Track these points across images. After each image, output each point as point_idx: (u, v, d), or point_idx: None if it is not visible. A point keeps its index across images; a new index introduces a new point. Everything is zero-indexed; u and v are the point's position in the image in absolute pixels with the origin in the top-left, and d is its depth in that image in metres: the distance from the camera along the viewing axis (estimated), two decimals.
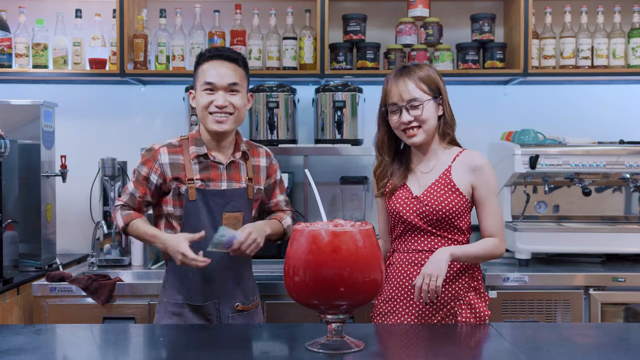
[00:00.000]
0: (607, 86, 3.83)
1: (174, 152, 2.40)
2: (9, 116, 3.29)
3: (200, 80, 2.38)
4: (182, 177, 2.37)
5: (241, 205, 2.41)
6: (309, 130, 3.75)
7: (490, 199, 2.24)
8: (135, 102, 3.80)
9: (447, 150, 2.29)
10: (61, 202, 3.61)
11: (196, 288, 2.39)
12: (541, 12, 3.59)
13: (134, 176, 2.43)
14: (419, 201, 2.23)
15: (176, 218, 2.40)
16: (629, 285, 3.03)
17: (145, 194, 2.41)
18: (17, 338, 1.97)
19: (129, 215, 2.42)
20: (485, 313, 2.23)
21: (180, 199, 2.38)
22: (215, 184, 2.39)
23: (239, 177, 2.43)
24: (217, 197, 2.38)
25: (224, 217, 2.38)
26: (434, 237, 2.23)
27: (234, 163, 2.43)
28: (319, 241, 1.76)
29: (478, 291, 2.25)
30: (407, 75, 2.24)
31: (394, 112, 2.24)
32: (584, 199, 3.43)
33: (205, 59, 2.38)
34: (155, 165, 2.39)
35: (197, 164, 2.39)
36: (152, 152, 2.41)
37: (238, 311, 2.43)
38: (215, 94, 2.35)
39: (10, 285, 2.98)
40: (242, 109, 2.40)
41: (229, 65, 2.37)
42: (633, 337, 2.06)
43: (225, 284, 2.41)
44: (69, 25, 3.59)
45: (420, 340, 2.04)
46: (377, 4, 3.78)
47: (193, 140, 2.42)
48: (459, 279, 2.22)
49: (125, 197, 2.44)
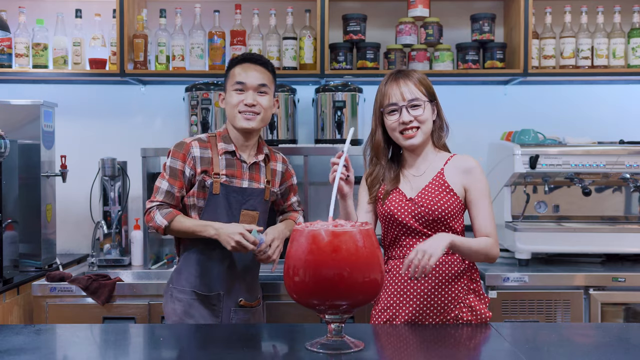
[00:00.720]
0: (607, 86, 3.83)
1: (204, 147, 2.51)
2: (9, 116, 3.29)
3: (231, 81, 2.52)
4: (210, 171, 2.48)
5: (258, 205, 2.54)
6: (309, 130, 3.75)
7: (484, 200, 2.23)
8: (135, 102, 3.80)
9: (439, 155, 2.31)
10: (61, 202, 3.61)
11: (205, 278, 2.49)
12: (541, 12, 3.59)
13: (166, 173, 2.50)
14: (413, 203, 2.23)
15: (197, 209, 2.50)
16: (629, 285, 3.03)
17: (182, 188, 2.49)
18: (17, 338, 1.97)
19: (170, 214, 2.46)
20: (486, 315, 2.22)
21: (205, 191, 2.49)
22: (238, 181, 2.51)
23: (259, 177, 2.56)
24: (237, 194, 2.50)
25: (241, 214, 2.51)
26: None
27: (256, 164, 2.57)
28: (319, 241, 1.76)
29: (478, 293, 2.24)
30: (407, 76, 2.26)
31: (393, 113, 2.24)
32: (584, 199, 3.43)
33: (237, 62, 2.54)
34: (189, 158, 2.48)
35: (224, 159, 2.50)
36: (184, 146, 2.50)
37: (241, 306, 2.53)
38: (244, 94, 2.49)
39: (10, 285, 2.99)
40: (268, 110, 2.54)
41: (259, 68, 2.53)
42: (633, 337, 2.06)
43: (233, 279, 2.53)
44: (69, 25, 3.59)
45: (420, 340, 2.04)
46: (377, 4, 3.78)
47: (221, 137, 2.54)
48: (458, 281, 2.21)
49: (160, 196, 2.49)
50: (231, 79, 2.53)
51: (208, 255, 2.50)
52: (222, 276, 2.51)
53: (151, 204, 2.49)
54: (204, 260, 2.51)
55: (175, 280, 2.55)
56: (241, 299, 2.54)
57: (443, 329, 2.11)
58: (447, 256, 2.22)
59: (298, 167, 3.69)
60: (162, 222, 2.45)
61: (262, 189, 2.55)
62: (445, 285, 2.20)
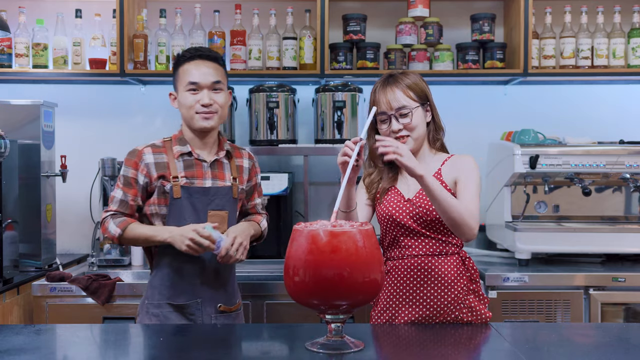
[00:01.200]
0: (607, 86, 3.83)
1: (158, 152, 2.41)
2: (9, 116, 3.29)
3: (183, 81, 2.40)
4: (167, 175, 2.37)
5: (225, 204, 2.42)
6: (309, 130, 3.75)
7: (470, 188, 2.17)
8: (135, 102, 3.80)
9: (436, 156, 2.30)
10: (61, 202, 3.61)
11: (179, 287, 2.38)
12: (541, 12, 3.59)
13: (120, 182, 2.40)
14: (411, 203, 2.22)
15: (160, 217, 2.40)
16: (629, 285, 3.03)
17: (137, 196, 2.39)
18: (17, 338, 1.97)
19: (123, 222, 2.37)
20: (486, 315, 2.22)
21: (165, 197, 2.38)
22: (199, 181, 2.40)
23: (223, 175, 2.44)
24: (201, 195, 2.38)
25: (209, 215, 2.39)
26: (428, 239, 2.22)
27: (218, 162, 2.45)
28: (318, 241, 1.76)
29: (477, 293, 2.24)
30: (394, 83, 2.24)
31: (384, 122, 2.24)
32: (584, 199, 3.43)
33: (186, 59, 2.41)
34: (141, 165, 2.38)
35: (182, 162, 2.40)
36: (136, 154, 2.41)
37: (221, 312, 2.42)
38: (199, 93, 2.38)
39: (10, 285, 2.99)
40: (225, 107, 2.44)
41: (210, 64, 2.41)
42: (633, 337, 2.06)
43: (209, 284, 2.40)
44: (69, 25, 3.59)
45: (420, 340, 2.04)
46: (377, 4, 3.78)
47: (176, 140, 2.44)
48: (457, 282, 2.20)
49: (114, 205, 2.40)
50: (182, 78, 2.40)
51: (180, 263, 2.37)
52: (197, 283, 2.38)
53: (106, 214, 2.40)
54: (176, 269, 2.38)
55: (149, 295, 2.42)
56: (220, 304, 2.41)
57: (443, 329, 2.11)
58: (447, 257, 2.21)
59: (298, 167, 3.70)
60: (116, 230, 2.36)
61: (229, 187, 2.43)
62: (445, 286, 2.19)
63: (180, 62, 2.42)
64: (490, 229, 3.63)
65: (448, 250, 2.21)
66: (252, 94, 3.55)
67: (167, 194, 2.37)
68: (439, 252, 2.21)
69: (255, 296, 2.99)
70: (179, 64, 2.43)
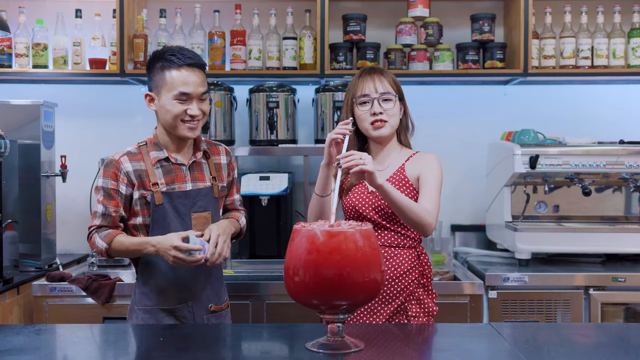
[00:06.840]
0: (607, 86, 3.83)
1: (135, 159, 2.36)
2: (9, 116, 3.29)
3: (170, 87, 2.30)
4: (147, 184, 2.34)
5: (208, 205, 2.40)
6: (309, 130, 3.75)
7: (430, 185, 2.28)
8: (135, 102, 3.79)
9: (402, 151, 2.41)
10: (61, 202, 3.61)
11: (169, 292, 2.36)
12: (541, 12, 3.59)
13: (100, 195, 2.35)
14: (374, 196, 2.31)
15: (144, 228, 2.36)
16: (629, 285, 3.04)
17: (119, 207, 2.34)
18: (17, 338, 1.97)
19: (109, 235, 2.32)
20: (433, 309, 2.33)
21: (148, 207, 2.35)
22: (180, 185, 2.37)
23: (202, 176, 2.42)
24: (183, 199, 2.36)
25: (192, 217, 2.37)
26: (389, 232, 2.32)
27: (196, 163, 2.41)
28: (316, 241, 1.76)
29: (426, 288, 2.35)
30: (381, 72, 2.38)
31: (364, 104, 2.33)
32: (584, 199, 3.43)
33: (176, 66, 2.30)
34: (121, 175, 2.34)
35: (160, 167, 2.36)
36: (113, 164, 2.35)
37: (212, 312, 2.41)
38: (188, 103, 2.31)
39: (10, 285, 2.99)
40: (207, 113, 2.39)
41: (199, 72, 2.34)
42: (633, 337, 2.06)
43: (198, 285, 2.38)
44: (69, 25, 3.59)
45: (420, 340, 2.04)
46: (377, 4, 3.78)
47: (152, 145, 2.39)
48: (409, 274, 2.31)
49: (97, 220, 2.34)
50: (170, 85, 2.30)
51: (167, 269, 2.34)
52: (187, 285, 2.36)
53: (91, 229, 2.36)
54: (164, 272, 2.35)
55: (138, 301, 2.39)
56: (211, 304, 2.40)
57: (443, 329, 2.11)
58: (404, 250, 2.32)
59: (298, 167, 3.70)
60: (102, 245, 2.31)
61: (209, 187, 2.40)
62: (397, 276, 2.29)
63: (167, 66, 2.31)
64: (490, 229, 3.63)
65: (405, 244, 2.33)
66: (252, 94, 3.55)
67: (149, 203, 2.34)
68: (396, 244, 2.33)
69: (255, 296, 2.99)
70: (165, 68, 2.31)
